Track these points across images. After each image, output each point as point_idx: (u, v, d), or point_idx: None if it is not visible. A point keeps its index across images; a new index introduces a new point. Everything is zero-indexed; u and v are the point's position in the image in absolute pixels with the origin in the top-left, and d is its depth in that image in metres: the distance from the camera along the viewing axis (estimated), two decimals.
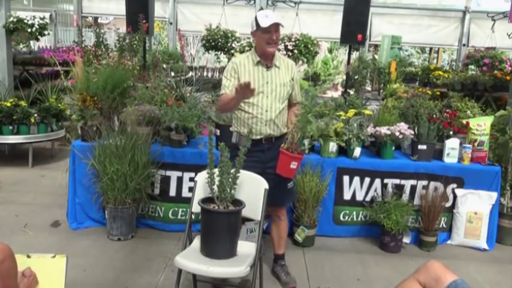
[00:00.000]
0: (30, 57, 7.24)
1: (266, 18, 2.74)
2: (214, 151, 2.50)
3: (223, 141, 2.79)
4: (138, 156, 3.49)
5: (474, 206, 3.73)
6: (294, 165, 2.70)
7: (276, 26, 2.75)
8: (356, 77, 7.56)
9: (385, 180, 3.74)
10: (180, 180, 3.74)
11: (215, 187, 2.47)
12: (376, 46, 12.81)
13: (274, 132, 2.88)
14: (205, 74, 12.68)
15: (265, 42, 2.78)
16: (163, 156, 3.68)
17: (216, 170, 2.48)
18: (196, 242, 2.52)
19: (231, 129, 3.02)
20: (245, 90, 2.56)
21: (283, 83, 2.88)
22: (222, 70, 10.75)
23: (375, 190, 3.76)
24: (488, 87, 6.62)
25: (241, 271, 2.29)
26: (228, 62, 3.22)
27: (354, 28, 5.28)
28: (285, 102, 2.92)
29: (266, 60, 2.87)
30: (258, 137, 2.85)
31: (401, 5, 10.07)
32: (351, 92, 6.48)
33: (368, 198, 3.77)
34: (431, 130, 3.76)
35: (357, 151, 3.70)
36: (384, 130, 3.70)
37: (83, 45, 4.79)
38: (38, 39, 6.91)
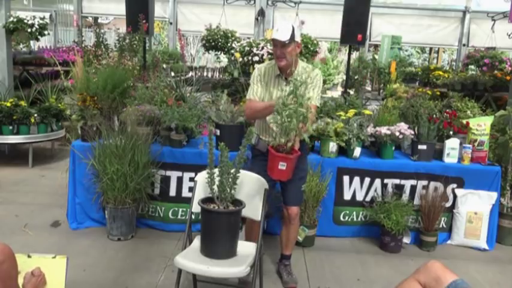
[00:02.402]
0: (30, 57, 7.24)
1: (276, 32, 2.69)
2: (214, 151, 2.50)
3: (224, 141, 2.79)
4: (138, 156, 3.49)
5: (474, 206, 3.73)
6: (282, 166, 2.43)
7: (280, 42, 2.68)
8: (356, 77, 7.57)
9: (385, 180, 3.74)
10: (180, 180, 3.74)
11: (215, 187, 2.47)
12: (376, 46, 12.81)
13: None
14: (205, 74, 12.68)
15: (275, 56, 2.77)
16: (163, 156, 3.67)
17: (216, 170, 2.48)
18: (196, 242, 2.52)
19: (255, 130, 3.01)
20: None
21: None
22: (222, 70, 10.76)
23: (375, 190, 3.75)
24: (488, 87, 6.62)
25: (241, 271, 2.29)
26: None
27: (354, 28, 5.28)
28: None
29: (284, 73, 2.82)
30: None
31: (401, 5, 10.10)
32: (351, 92, 6.49)
33: (368, 198, 3.77)
34: (431, 130, 3.76)
35: (357, 151, 3.70)
36: (384, 130, 3.70)
37: (83, 45, 4.80)
38: (38, 39, 6.92)
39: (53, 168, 5.44)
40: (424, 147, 3.74)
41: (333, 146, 3.69)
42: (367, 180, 3.75)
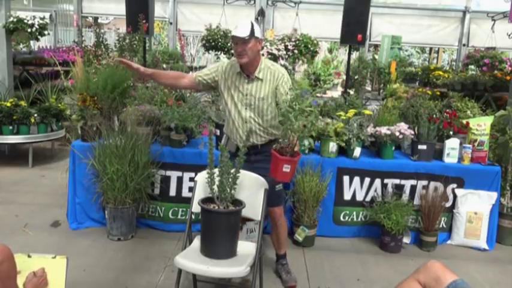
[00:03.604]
0: (30, 57, 7.24)
1: (234, 30, 2.67)
2: (214, 151, 2.50)
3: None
4: (138, 156, 3.49)
5: (474, 206, 3.73)
6: (287, 168, 2.47)
7: (240, 39, 2.66)
8: (356, 77, 7.56)
9: (385, 180, 3.74)
10: (180, 180, 3.74)
11: (215, 187, 2.47)
12: (376, 46, 12.80)
13: (257, 141, 2.87)
14: None
15: (235, 53, 2.73)
16: (163, 156, 3.67)
17: (216, 170, 2.48)
18: (196, 242, 2.52)
19: (224, 130, 3.05)
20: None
21: (263, 97, 2.78)
22: None
23: (375, 190, 3.75)
24: (488, 87, 6.61)
25: (241, 271, 2.29)
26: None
27: (354, 28, 5.28)
28: (270, 114, 2.81)
29: (246, 71, 2.80)
30: (241, 145, 2.83)
31: (401, 5, 10.08)
32: (351, 92, 6.48)
33: (368, 198, 3.77)
34: (431, 130, 3.76)
35: (357, 151, 3.70)
36: (384, 130, 3.70)
37: (83, 45, 4.79)
38: (38, 39, 6.92)
39: (53, 168, 5.44)
40: (424, 147, 3.74)
41: (333, 146, 3.69)
42: (367, 180, 3.75)
